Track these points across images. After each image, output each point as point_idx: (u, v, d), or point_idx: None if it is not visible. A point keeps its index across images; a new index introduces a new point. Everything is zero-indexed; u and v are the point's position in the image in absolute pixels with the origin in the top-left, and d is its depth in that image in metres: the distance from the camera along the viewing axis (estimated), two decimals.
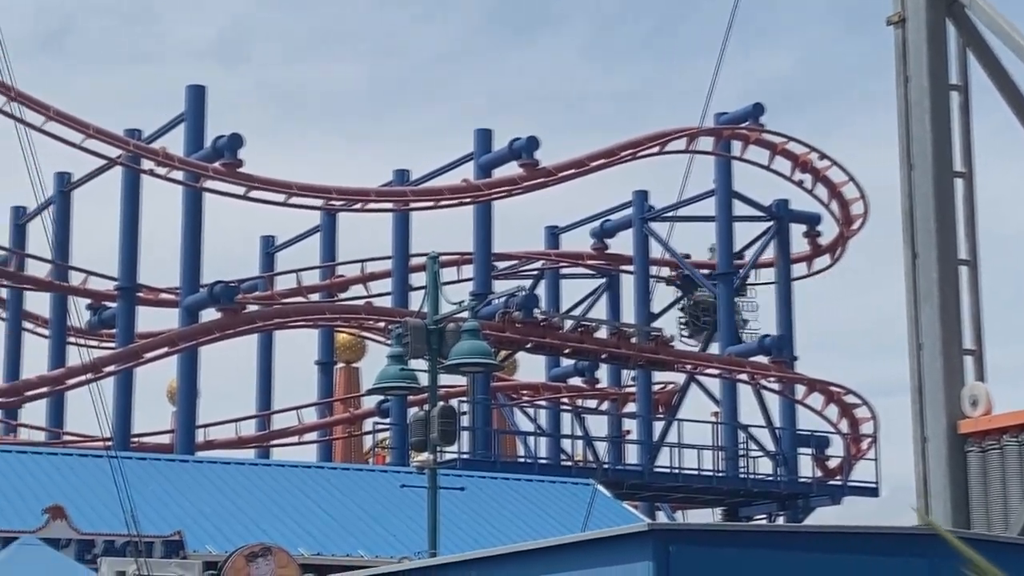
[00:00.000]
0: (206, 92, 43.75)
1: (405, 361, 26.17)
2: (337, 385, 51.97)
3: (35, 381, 41.62)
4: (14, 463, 33.23)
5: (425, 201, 46.40)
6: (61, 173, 46.94)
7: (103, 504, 30.31)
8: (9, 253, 48.25)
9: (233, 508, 33.03)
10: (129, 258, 44.27)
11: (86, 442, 42.49)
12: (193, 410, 42.19)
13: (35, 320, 49.35)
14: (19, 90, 36.62)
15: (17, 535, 25.26)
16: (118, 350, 42.37)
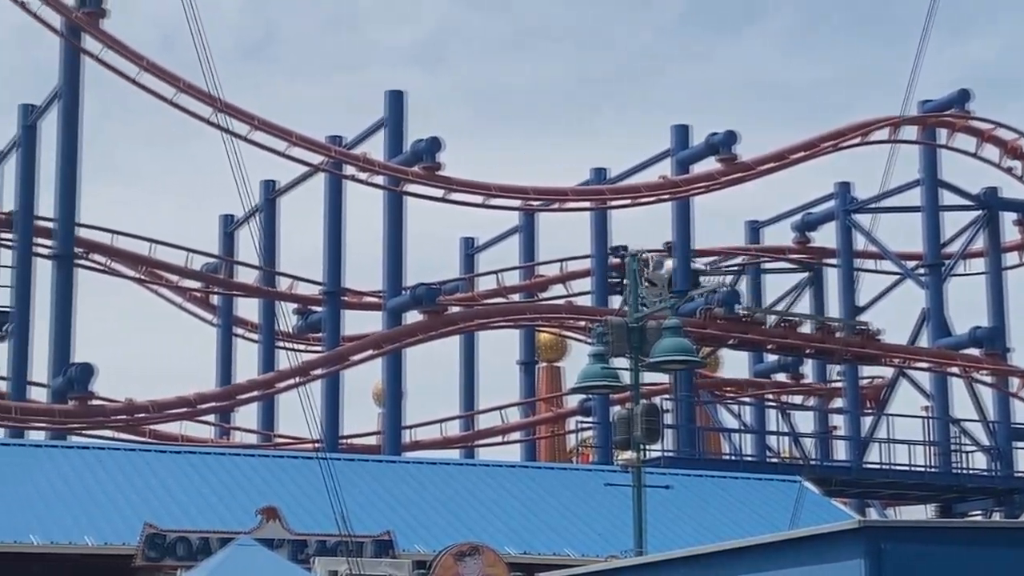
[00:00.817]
0: (405, 97, 44.29)
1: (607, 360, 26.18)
2: (540, 384, 52.15)
3: (246, 385, 42.52)
4: (228, 465, 34.04)
5: (623, 199, 46.33)
6: (267, 181, 47.93)
7: (314, 505, 30.87)
8: (219, 261, 49.41)
9: (440, 508, 33.36)
10: (334, 262, 45.03)
11: (297, 444, 43.32)
12: (399, 411, 42.73)
13: (245, 325, 50.43)
14: (225, 101, 37.49)
15: (233, 536, 25.85)
16: (325, 353, 43.10)
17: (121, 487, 31.65)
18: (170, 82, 40.00)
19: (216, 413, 43.46)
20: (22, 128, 42.98)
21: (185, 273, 47.59)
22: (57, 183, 40.09)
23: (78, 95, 40.21)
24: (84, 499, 30.61)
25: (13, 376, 41.43)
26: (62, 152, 39.95)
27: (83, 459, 32.98)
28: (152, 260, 46.96)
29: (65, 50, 40.21)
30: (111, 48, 39.72)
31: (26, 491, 30.51)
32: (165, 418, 39.82)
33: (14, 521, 28.92)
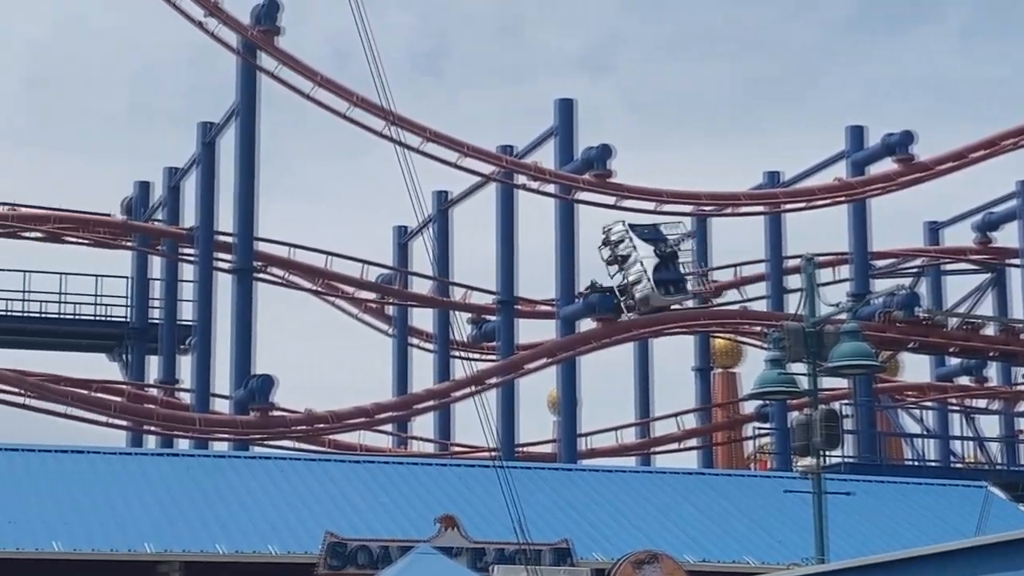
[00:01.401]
0: (575, 105, 44.34)
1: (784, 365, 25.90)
2: (716, 390, 51.76)
3: (423, 395, 42.88)
4: (406, 474, 34.34)
5: (797, 202, 45.82)
6: (440, 191, 48.31)
7: (492, 513, 30.98)
8: (394, 272, 49.92)
9: (617, 515, 33.25)
10: (507, 272, 45.21)
11: (473, 453, 43.55)
12: (575, 419, 42.72)
13: (420, 335, 50.85)
14: (397, 113, 37.88)
15: (413, 544, 26.07)
16: (500, 362, 43.27)
17: (302, 496, 32.12)
18: (344, 96, 40.53)
19: (393, 423, 43.86)
20: (201, 146, 43.90)
21: (361, 285, 48.17)
22: (236, 198, 40.86)
23: (255, 112, 40.96)
24: (267, 508, 31.12)
25: (197, 388, 42.32)
26: (240, 168, 40.71)
27: (265, 469, 33.53)
28: (328, 272, 47.61)
29: (242, 68, 40.97)
30: (286, 65, 40.39)
31: (211, 501, 31.12)
32: (344, 428, 40.33)
33: (201, 531, 29.52)
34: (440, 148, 41.64)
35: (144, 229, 47.44)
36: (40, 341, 48.46)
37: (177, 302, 46.82)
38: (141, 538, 28.86)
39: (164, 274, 47.46)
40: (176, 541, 28.92)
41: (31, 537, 28.11)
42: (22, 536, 28.08)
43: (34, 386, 36.44)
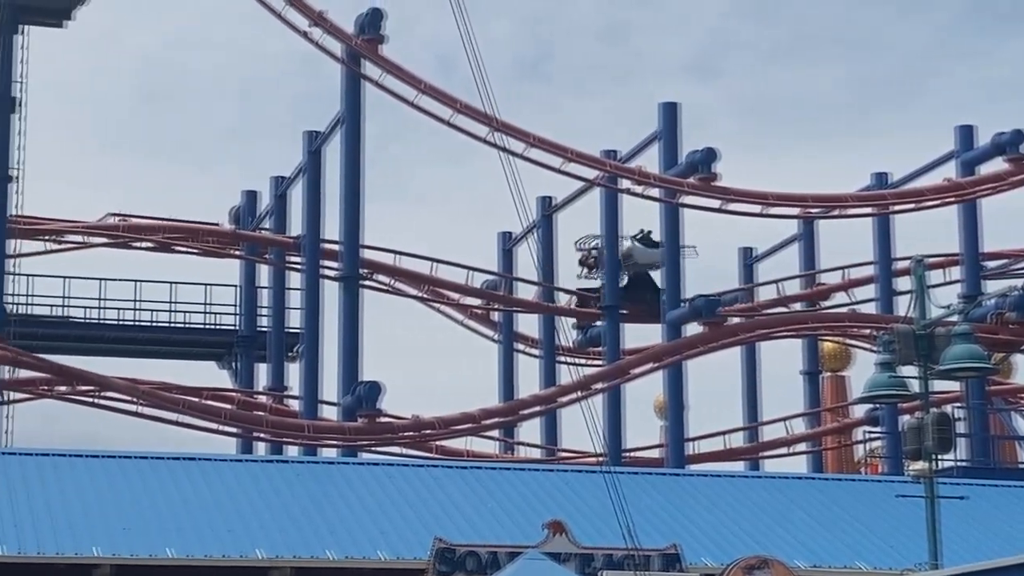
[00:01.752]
0: (679, 108, 44.17)
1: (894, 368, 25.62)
2: (824, 394, 51.28)
3: (529, 400, 42.90)
4: (513, 480, 34.35)
5: (906, 203, 45.30)
6: (543, 197, 48.32)
7: (600, 518, 30.88)
8: (499, 278, 49.99)
9: (727, 520, 33.03)
10: (612, 277, 45.12)
11: (580, 458, 43.48)
12: (682, 424, 42.52)
13: (526, 341, 50.88)
14: (501, 119, 37.97)
15: (521, 550, 26.05)
16: (606, 367, 43.18)
17: (411, 502, 32.22)
18: (447, 103, 40.67)
19: (500, 428, 43.92)
20: (307, 154, 44.25)
21: (466, 291, 48.29)
22: (341, 206, 41.13)
23: (359, 120, 41.21)
24: (376, 514, 31.27)
25: (305, 395, 42.64)
26: (345, 176, 40.98)
27: (373, 475, 33.69)
28: (434, 279, 47.77)
29: (346, 77, 41.25)
30: (390, 73, 40.60)
31: (320, 507, 31.34)
32: (451, 434, 40.43)
33: (311, 536, 29.73)
34: (544, 153, 41.64)
35: (252, 238, 47.91)
36: (151, 350, 49.10)
37: (285, 310, 47.22)
38: (252, 544, 29.10)
39: (272, 282, 47.88)
40: (287, 547, 29.14)
41: (145, 543, 28.46)
42: (136, 542, 28.44)
43: (146, 394, 36.90)
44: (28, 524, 28.51)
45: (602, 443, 26.33)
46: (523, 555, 24.52)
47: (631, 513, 25.03)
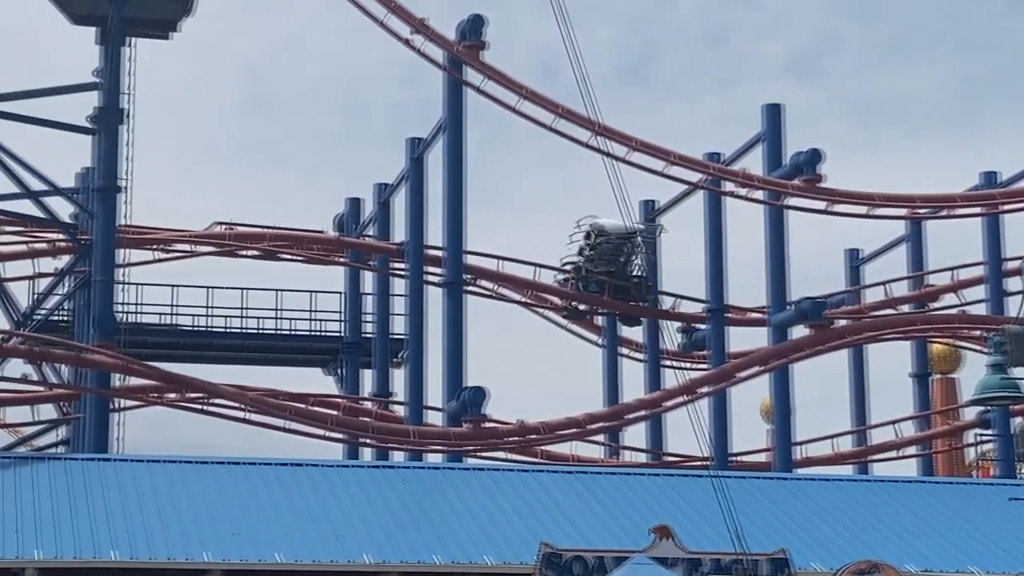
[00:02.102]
0: (782, 110, 43.87)
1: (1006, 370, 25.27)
2: (934, 397, 50.63)
3: (634, 404, 42.74)
4: (619, 484, 34.25)
5: (1016, 202, 44.64)
6: (646, 200, 48.16)
7: (707, 523, 30.74)
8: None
9: (836, 524, 32.69)
10: (716, 279, 44.88)
11: (686, 462, 43.27)
12: (789, 427, 42.17)
13: (630, 345, 50.73)
14: (603, 124, 37.90)
15: (628, 555, 25.97)
16: (711, 371, 42.94)
17: (516, 507, 32.23)
18: (549, 108, 40.66)
19: (605, 433, 43.81)
20: (410, 161, 44.45)
21: (569, 295, 48.22)
22: (445, 212, 41.26)
23: (461, 126, 41.31)
24: (482, 519, 31.30)
25: (410, 401, 42.81)
26: (448, 182, 41.10)
27: (479, 480, 33.74)
28: (537, 284, 47.79)
29: (448, 83, 41.37)
30: (492, 79, 40.67)
31: (427, 512, 31.43)
32: (556, 439, 40.38)
33: (418, 541, 29.83)
34: (647, 157, 41.52)
35: (356, 245, 48.21)
36: (258, 357, 49.54)
37: (389, 316, 47.46)
38: (360, 549, 29.26)
39: (376, 289, 48.15)
40: (394, 552, 29.26)
41: (254, 548, 28.71)
42: (246, 547, 28.70)
43: (254, 401, 37.20)
44: (140, 529, 28.87)
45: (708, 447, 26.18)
46: (630, 560, 24.43)
47: (739, 517, 24.86)
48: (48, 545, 27.81)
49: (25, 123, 38.23)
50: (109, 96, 37.97)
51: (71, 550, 27.77)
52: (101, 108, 38.13)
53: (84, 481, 30.80)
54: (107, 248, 37.52)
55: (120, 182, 37.85)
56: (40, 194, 38.94)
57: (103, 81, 38.19)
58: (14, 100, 38.20)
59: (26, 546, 27.68)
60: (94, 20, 38.89)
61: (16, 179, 38.30)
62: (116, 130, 37.98)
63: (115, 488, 30.62)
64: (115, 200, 37.77)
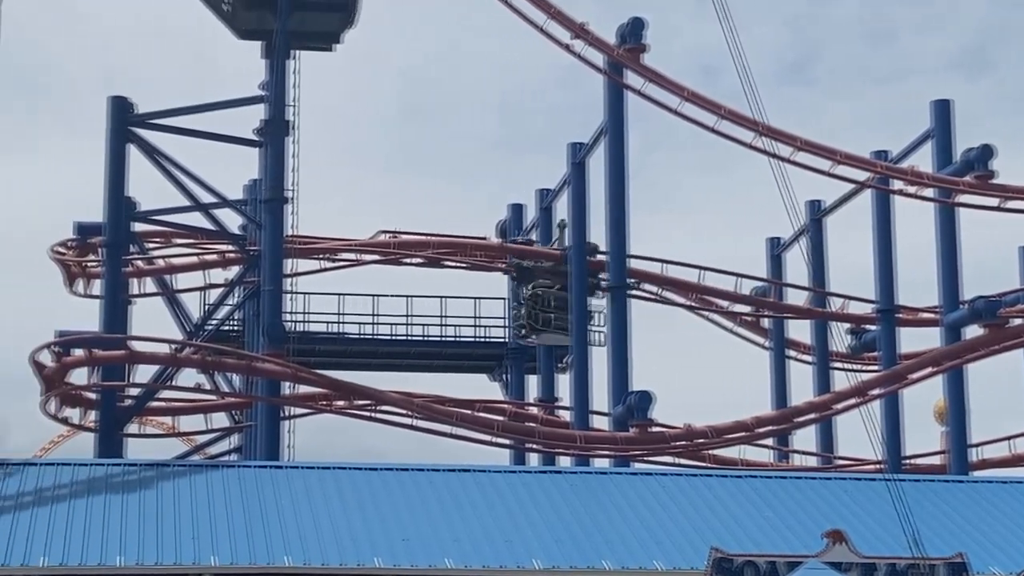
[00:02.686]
0: (952, 106, 43.03)
1: None
2: None
3: (803, 407, 42.20)
4: (790, 488, 33.82)
5: None
6: (812, 201, 47.54)
7: (880, 526, 30.22)
8: (768, 284, 49.39)
9: (1015, 528, 31.95)
10: (886, 279, 44.14)
11: (858, 466, 42.59)
12: (964, 429, 41.30)
13: (798, 347, 50.13)
14: (767, 124, 37.46)
15: (800, 560, 25.62)
16: (883, 372, 42.23)
17: (685, 512, 31.99)
18: (711, 110, 40.32)
19: (774, 436, 43.29)
20: (571, 166, 44.39)
21: (735, 298, 47.83)
22: (607, 217, 41.11)
23: (623, 129, 41.15)
24: (651, 524, 31.11)
25: (576, 406, 42.72)
26: (610, 186, 40.96)
27: (646, 485, 33.56)
28: (702, 287, 47.45)
29: (609, 87, 41.23)
30: (652, 81, 40.44)
31: (595, 517, 31.32)
32: (724, 443, 40.01)
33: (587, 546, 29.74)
34: (812, 157, 40.96)
35: (519, 251, 48.26)
36: (423, 364, 49.84)
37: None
38: (529, 554, 29.24)
39: None
40: (563, 557, 29.19)
41: (424, 554, 28.86)
42: (416, 553, 28.85)
43: (420, 407, 37.41)
44: (312, 535, 29.19)
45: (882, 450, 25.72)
46: (803, 565, 24.10)
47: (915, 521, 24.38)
48: (223, 551, 28.26)
49: (194, 137, 38.91)
50: (275, 109, 38.49)
51: (246, 556, 28.17)
52: (267, 121, 38.67)
53: (257, 488, 31.25)
54: (275, 258, 38.01)
55: (287, 193, 38.33)
56: (210, 207, 39.60)
57: (269, 94, 38.73)
58: (183, 115, 38.90)
59: (203, 552, 28.16)
60: (259, 34, 39.45)
61: (187, 192, 38.99)
62: (282, 142, 38.47)
63: (287, 495, 31.01)
64: (282, 211, 38.26)
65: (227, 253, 43.96)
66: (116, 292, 38.92)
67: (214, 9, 39.70)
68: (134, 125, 38.55)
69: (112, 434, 37.35)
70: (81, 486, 30.88)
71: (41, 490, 30.64)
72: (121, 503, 30.06)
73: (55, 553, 27.86)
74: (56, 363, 35.40)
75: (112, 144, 38.50)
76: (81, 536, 28.48)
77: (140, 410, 38.93)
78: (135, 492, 30.72)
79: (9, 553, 27.74)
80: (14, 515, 29.23)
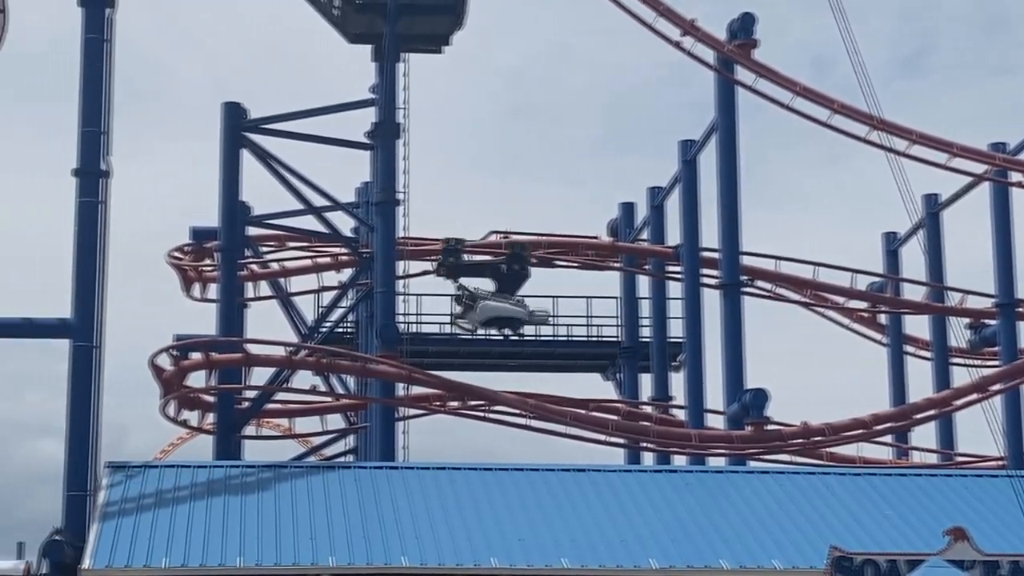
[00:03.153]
0: None
1: None
2: None
3: (922, 404, 41.60)
4: (909, 486, 33.50)
5: None
6: (929, 195, 46.90)
7: (1003, 524, 29.80)
8: (885, 279, 48.82)
9: None
10: (1005, 273, 43.46)
11: (979, 462, 41.99)
12: None
13: (916, 343, 49.51)
14: (881, 117, 36.99)
15: (922, 558, 25.28)
16: (1003, 367, 41.55)
17: (803, 510, 31.74)
18: (824, 104, 39.88)
19: (893, 433, 42.76)
20: (682, 163, 44.17)
21: (850, 294, 47.28)
22: (719, 214, 40.84)
23: (734, 126, 40.82)
24: (768, 523, 30.89)
25: (690, 404, 42.49)
26: (722, 183, 40.67)
27: (763, 484, 33.34)
28: (816, 283, 46.98)
29: (719, 83, 40.95)
30: (764, 77, 40.07)
31: (711, 516, 31.15)
32: (841, 440, 39.53)
33: (703, 545, 29.61)
34: (928, 150, 40.38)
35: (631, 250, 48.09)
36: (536, 364, 49.82)
37: (666, 320, 47.21)
38: (645, 553, 29.17)
39: (652, 292, 47.95)
40: (679, 556, 29.10)
41: (540, 554, 28.89)
42: (532, 553, 28.88)
43: (534, 407, 37.37)
44: (428, 536, 29.33)
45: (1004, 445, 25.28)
46: (924, 563, 23.73)
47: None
48: (341, 552, 28.47)
49: (306, 141, 39.20)
50: (385, 111, 38.67)
51: (363, 556, 28.37)
52: (378, 123, 38.85)
53: (373, 489, 31.45)
54: (387, 260, 38.18)
55: (398, 195, 38.50)
56: (322, 210, 39.86)
57: (379, 97, 38.91)
58: (295, 120, 39.21)
59: (320, 553, 28.39)
60: (369, 38, 39.66)
61: (299, 196, 39.29)
62: (393, 144, 38.64)
63: (403, 495, 31.18)
64: (394, 213, 38.42)
65: (340, 256, 44.26)
66: (232, 296, 39.31)
67: (324, 14, 39.99)
68: (247, 130, 38.93)
69: (229, 436, 37.74)
70: (200, 488, 31.26)
71: (161, 492, 31.07)
72: (239, 504, 30.41)
73: (176, 555, 28.24)
74: (174, 367, 35.82)
75: (226, 149, 38.89)
76: (201, 537, 28.83)
77: (257, 412, 39.31)
78: (253, 494, 31.06)
79: (131, 555, 28.18)
80: (135, 517, 29.67)
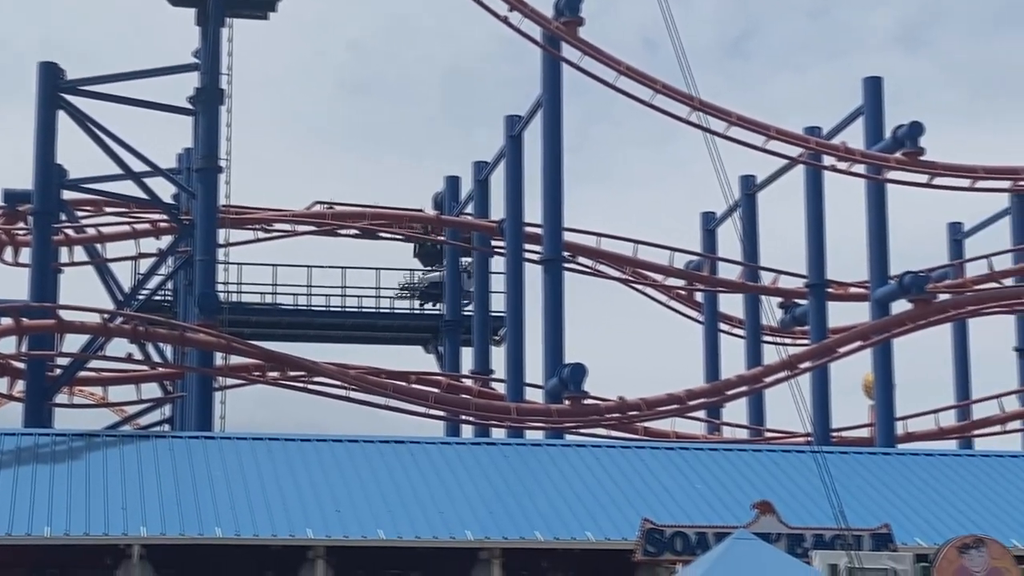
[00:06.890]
0: (883, 83, 43.36)
1: None
2: None
3: (734, 380, 42.52)
4: (720, 460, 34.18)
5: None
6: (746, 176, 47.84)
7: (808, 498, 30.62)
8: (702, 258, 49.69)
9: (939, 499, 32.45)
10: (816, 254, 44.53)
11: (787, 438, 43.00)
12: (891, 403, 41.76)
13: (730, 321, 50.50)
14: (702, 99, 37.66)
15: (729, 530, 25.90)
16: (812, 346, 42.64)
17: (618, 483, 32.25)
18: (648, 84, 40.44)
19: (705, 409, 43.66)
20: (508, 139, 44.44)
21: (669, 272, 48.10)
22: (543, 190, 41.21)
23: (559, 103, 41.18)
24: (583, 495, 31.34)
25: (510, 378, 42.85)
26: (546, 159, 41.04)
27: (580, 457, 33.79)
28: (636, 260, 47.70)
29: (545, 60, 41.28)
30: (589, 55, 40.50)
31: (528, 489, 31.51)
32: (656, 415, 40.28)
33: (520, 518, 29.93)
34: (746, 132, 41.21)
35: (455, 223, 48.31)
36: (358, 335, 49.85)
37: (489, 294, 47.53)
38: (462, 525, 29.42)
39: (475, 267, 48.22)
40: (496, 528, 29.38)
41: (357, 525, 28.95)
42: (349, 524, 28.94)
43: (355, 379, 37.42)
44: (244, 507, 29.19)
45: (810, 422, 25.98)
46: (732, 535, 24.30)
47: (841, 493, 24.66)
48: (154, 523, 28.21)
49: (126, 105, 38.62)
50: (208, 77, 38.26)
51: (176, 527, 28.16)
52: (200, 89, 38.42)
53: (188, 459, 31.21)
54: (208, 228, 37.83)
55: (220, 162, 38.16)
56: (142, 175, 39.32)
57: (202, 62, 38.50)
58: (116, 82, 38.60)
59: (132, 523, 28.10)
60: (192, 1, 39.17)
61: (118, 160, 38.72)
62: (216, 110, 38.26)
63: (219, 466, 31.00)
64: (216, 180, 38.07)
65: (159, 222, 43.72)
66: (45, 261, 38.64)
67: None
68: (64, 91, 38.21)
69: (40, 404, 37.11)
70: (8, 456, 30.72)
71: None
72: (49, 473, 29.93)
73: None
74: None
75: (42, 111, 38.15)
76: (8, 506, 28.32)
77: (69, 380, 38.68)
78: (63, 462, 30.61)
79: None
80: None
